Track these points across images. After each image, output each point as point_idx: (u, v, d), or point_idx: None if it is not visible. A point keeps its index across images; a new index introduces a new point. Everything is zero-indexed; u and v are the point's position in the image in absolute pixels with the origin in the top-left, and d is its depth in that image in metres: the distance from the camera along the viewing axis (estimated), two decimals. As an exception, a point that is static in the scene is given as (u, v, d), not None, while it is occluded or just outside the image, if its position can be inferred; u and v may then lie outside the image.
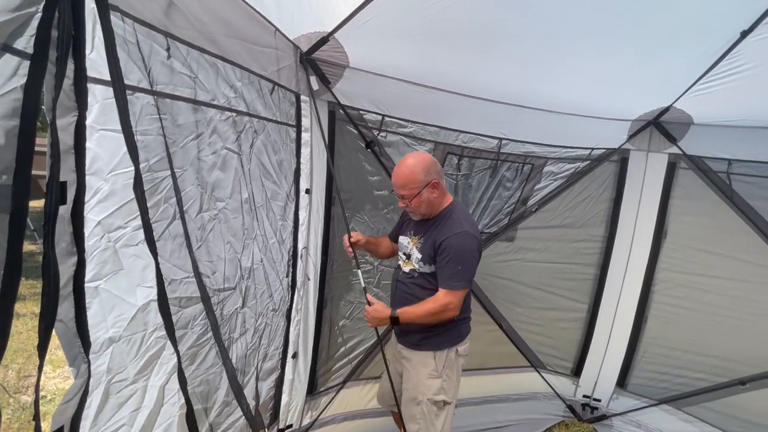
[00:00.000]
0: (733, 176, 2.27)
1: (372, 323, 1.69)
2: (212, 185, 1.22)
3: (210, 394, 1.27)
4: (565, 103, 2.23)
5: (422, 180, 1.58)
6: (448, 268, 1.58)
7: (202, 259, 1.24)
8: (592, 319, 2.73)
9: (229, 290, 1.38)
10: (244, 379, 1.64)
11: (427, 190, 1.59)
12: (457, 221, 1.63)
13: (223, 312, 1.39)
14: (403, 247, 1.79)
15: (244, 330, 1.55)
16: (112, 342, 1.00)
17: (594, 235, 2.64)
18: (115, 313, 0.99)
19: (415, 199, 1.60)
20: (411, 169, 1.59)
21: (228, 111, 1.25)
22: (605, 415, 2.76)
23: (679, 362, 2.50)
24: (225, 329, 1.42)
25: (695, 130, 2.33)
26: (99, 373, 0.99)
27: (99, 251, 0.93)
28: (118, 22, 0.84)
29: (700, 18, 1.61)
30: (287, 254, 1.81)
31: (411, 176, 1.58)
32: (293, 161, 1.78)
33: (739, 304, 2.28)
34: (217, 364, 1.31)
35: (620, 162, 2.55)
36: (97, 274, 0.94)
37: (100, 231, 0.92)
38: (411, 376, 1.78)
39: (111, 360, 1.01)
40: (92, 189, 0.89)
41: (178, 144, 1.08)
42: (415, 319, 1.64)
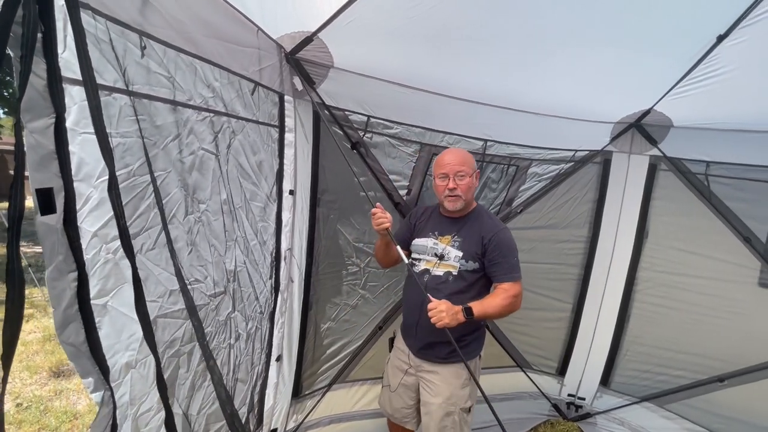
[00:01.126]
0: (711, 178, 2.32)
1: (442, 321, 1.51)
2: (193, 187, 1.19)
3: (193, 401, 1.25)
4: (549, 106, 2.25)
5: (475, 166, 1.75)
6: (507, 261, 1.65)
7: (195, 264, 1.22)
8: (577, 318, 2.76)
9: (220, 295, 1.36)
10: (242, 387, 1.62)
11: (474, 178, 1.73)
12: (496, 219, 1.78)
13: (218, 318, 1.37)
14: (429, 249, 1.73)
15: (237, 335, 1.52)
16: (130, 368, 0.95)
17: (578, 235, 2.67)
18: (126, 334, 0.94)
19: (467, 180, 1.68)
20: (467, 154, 1.74)
21: (205, 111, 1.22)
22: (589, 414, 2.80)
23: (660, 360, 2.55)
24: (222, 336, 1.39)
25: (675, 133, 2.38)
26: (123, 405, 0.93)
27: (100, 265, 0.87)
28: (90, 20, 0.81)
29: (678, 22, 1.64)
30: (269, 256, 1.79)
31: (468, 158, 1.72)
32: (275, 162, 1.76)
33: (718, 302, 2.34)
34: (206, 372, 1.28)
35: (603, 164, 2.59)
36: (102, 290, 0.88)
37: (97, 243, 0.87)
38: (441, 389, 1.73)
39: (132, 389, 0.95)
40: (82, 197, 0.84)
41: (159, 146, 1.06)
42: (490, 312, 1.58)
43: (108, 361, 0.88)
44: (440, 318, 1.52)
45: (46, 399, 2.73)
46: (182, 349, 1.14)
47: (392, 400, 1.94)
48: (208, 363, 1.25)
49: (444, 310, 1.52)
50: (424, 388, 1.80)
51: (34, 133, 0.76)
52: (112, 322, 0.89)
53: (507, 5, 1.52)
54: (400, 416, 1.94)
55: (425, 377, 1.79)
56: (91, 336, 0.84)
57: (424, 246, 1.77)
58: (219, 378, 1.30)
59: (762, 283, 2.23)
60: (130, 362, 0.95)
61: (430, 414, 1.76)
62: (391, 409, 1.96)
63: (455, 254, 1.68)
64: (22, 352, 3.28)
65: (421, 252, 1.78)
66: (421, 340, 1.76)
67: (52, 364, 3.13)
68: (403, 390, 1.89)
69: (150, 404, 1.00)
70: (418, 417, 1.94)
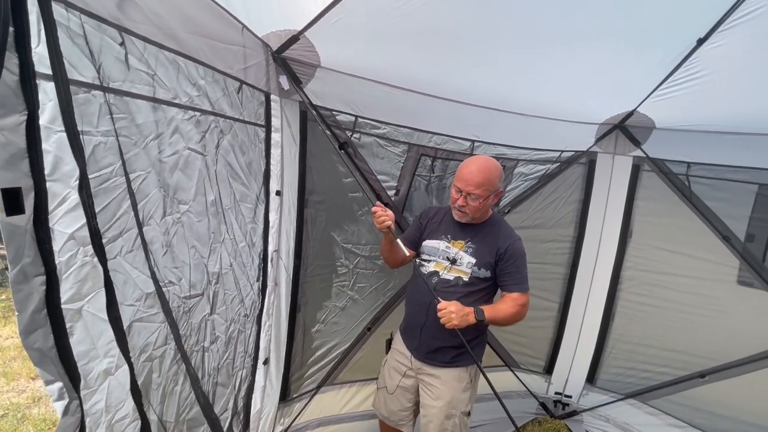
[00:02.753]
0: (692, 178, 2.38)
1: (452, 322, 1.51)
2: (174, 188, 1.16)
3: (169, 406, 1.21)
4: (536, 107, 2.27)
5: (496, 186, 1.60)
6: (520, 271, 1.64)
7: (169, 266, 1.19)
8: (563, 317, 2.80)
9: (196, 297, 1.32)
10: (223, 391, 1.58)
11: (493, 197, 1.62)
12: (511, 229, 1.71)
13: (191, 321, 1.34)
14: (441, 252, 1.71)
15: (214, 338, 1.49)
16: (108, 375, 0.91)
17: (564, 235, 2.70)
18: (104, 340, 0.90)
19: (483, 201, 1.59)
20: (491, 172, 1.58)
21: (191, 110, 1.20)
22: (576, 411, 2.83)
23: (643, 357, 2.60)
24: (195, 338, 1.36)
25: (657, 134, 2.43)
26: (96, 412, 0.89)
27: (76, 268, 0.83)
28: (62, 12, 0.78)
29: (660, 25, 1.67)
30: (258, 258, 1.76)
31: (490, 178, 1.57)
32: (262, 162, 1.73)
33: (699, 300, 2.39)
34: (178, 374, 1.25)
35: (588, 164, 2.63)
36: (76, 294, 0.84)
37: (73, 245, 0.83)
38: (442, 393, 1.72)
39: (108, 395, 0.92)
40: (58, 197, 0.80)
41: (139, 145, 1.03)
42: (500, 317, 1.61)
43: (82, 367, 0.85)
44: (449, 319, 1.52)
45: (24, 406, 2.64)
46: (154, 353, 1.10)
47: (388, 403, 1.91)
48: (180, 366, 1.22)
49: (454, 311, 1.52)
50: (425, 391, 1.78)
51: (3, 131, 0.73)
52: (87, 327, 0.86)
53: (493, 6, 1.53)
54: (396, 419, 1.91)
55: (426, 380, 1.77)
56: (61, 342, 0.81)
57: (435, 248, 1.73)
58: (195, 382, 1.27)
59: (740, 281, 2.29)
60: (109, 369, 0.91)
61: (429, 417, 1.74)
62: (386, 412, 1.92)
63: (468, 260, 1.66)
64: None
65: (431, 254, 1.75)
66: (425, 342, 1.73)
67: (30, 370, 3.03)
68: (401, 392, 1.86)
69: (126, 411, 0.97)
70: (414, 419, 1.92)
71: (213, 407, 1.46)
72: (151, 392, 1.10)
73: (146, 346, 1.08)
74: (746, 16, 1.52)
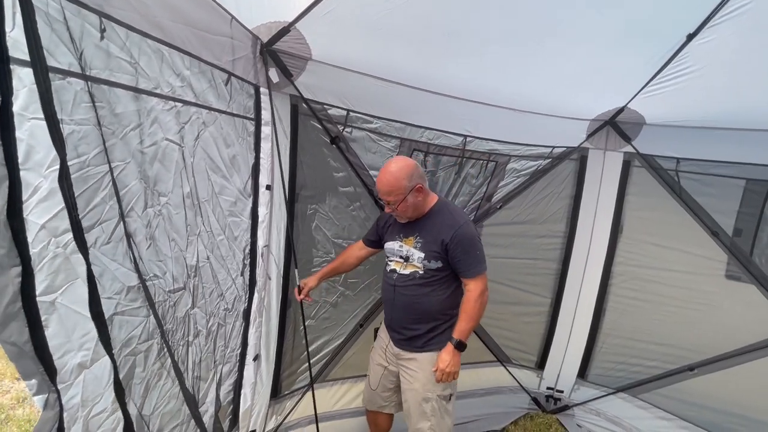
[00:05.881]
0: (682, 174, 2.40)
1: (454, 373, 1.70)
2: (154, 179, 1.14)
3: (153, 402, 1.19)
4: (527, 102, 2.27)
5: (407, 186, 1.64)
6: (468, 257, 1.67)
7: (153, 259, 1.16)
8: (555, 312, 2.81)
9: (179, 290, 1.30)
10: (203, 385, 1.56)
11: (412, 194, 1.66)
12: (455, 214, 1.73)
13: (177, 314, 1.31)
14: (397, 251, 1.81)
15: (197, 332, 1.47)
16: (83, 368, 0.89)
17: (555, 231, 2.71)
18: (78, 333, 0.88)
19: (401, 204, 1.66)
20: (395, 176, 1.63)
21: (171, 101, 1.17)
22: (567, 406, 2.85)
23: (634, 351, 2.62)
24: (180, 332, 1.34)
25: (647, 130, 2.45)
26: (73, 406, 0.88)
27: (48, 260, 0.81)
28: (40, -5, 0.76)
29: (650, 20, 1.67)
30: (240, 252, 1.73)
31: (396, 183, 1.63)
32: (251, 156, 1.71)
33: (688, 294, 2.41)
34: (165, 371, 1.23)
35: (579, 160, 2.64)
36: (50, 287, 0.82)
37: (45, 236, 0.81)
38: (418, 376, 1.79)
39: (84, 389, 0.90)
40: (30, 186, 0.78)
41: (117, 135, 1.00)
42: (472, 326, 1.71)
43: (57, 361, 0.83)
44: (449, 375, 1.69)
45: (7, 407, 2.59)
46: (139, 347, 1.08)
47: (371, 383, 2.01)
48: (165, 361, 1.19)
49: (444, 369, 1.67)
50: (403, 376, 1.85)
51: None
52: (62, 320, 0.84)
53: (484, 1, 1.52)
54: (379, 401, 1.99)
55: (404, 365, 1.85)
56: (36, 335, 0.79)
57: (392, 249, 1.84)
58: (180, 376, 1.25)
59: (729, 275, 2.31)
60: (84, 362, 0.89)
61: (408, 401, 1.83)
62: (368, 395, 2.02)
63: (418, 255, 1.73)
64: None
65: (390, 254, 1.86)
66: (398, 332, 1.86)
67: (14, 371, 2.96)
68: (383, 375, 1.95)
69: (104, 406, 0.95)
70: (398, 401, 1.97)
71: (197, 401, 1.44)
72: (134, 387, 1.08)
73: (129, 340, 1.06)
74: (736, 11, 1.53)
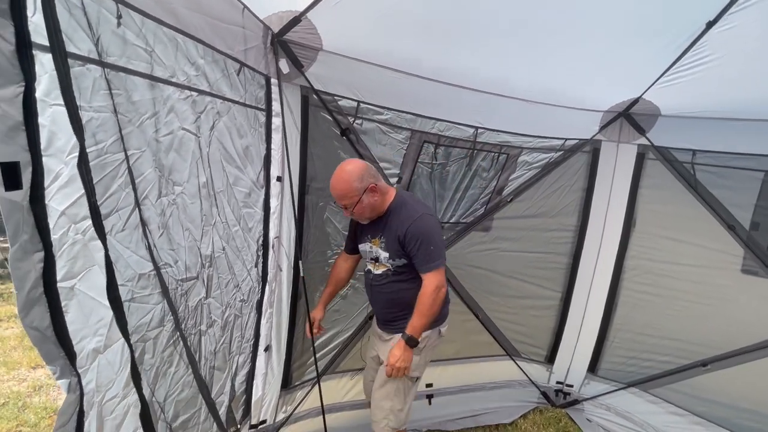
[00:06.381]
0: (697, 166, 2.35)
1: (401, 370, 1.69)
2: (169, 168, 1.14)
3: (168, 390, 1.20)
4: (540, 93, 2.24)
5: (358, 188, 1.61)
6: (422, 252, 1.63)
7: (165, 248, 1.17)
8: (565, 307, 2.79)
9: (191, 280, 1.31)
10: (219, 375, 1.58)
11: (367, 195, 1.63)
12: (411, 208, 1.68)
13: (188, 303, 1.32)
14: (368, 253, 1.82)
15: (211, 322, 1.48)
16: (98, 354, 0.90)
17: (567, 224, 2.68)
18: (94, 318, 0.89)
19: (357, 206, 1.65)
20: (345, 180, 1.61)
21: (188, 90, 1.17)
22: (577, 400, 2.84)
23: (645, 346, 2.59)
24: (192, 321, 1.35)
25: (663, 122, 2.40)
26: (89, 392, 0.89)
27: (68, 246, 0.82)
28: (58, -19, 0.75)
29: (668, 8, 1.63)
30: (254, 243, 1.74)
31: (347, 186, 1.61)
32: (262, 147, 1.71)
33: (702, 289, 2.38)
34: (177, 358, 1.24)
35: (592, 152, 2.60)
36: (69, 272, 0.83)
37: (65, 222, 0.81)
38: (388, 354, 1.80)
39: (99, 375, 0.91)
40: (51, 173, 0.78)
41: (134, 123, 1.00)
42: (425, 322, 1.67)
43: (76, 346, 0.84)
44: (399, 370, 1.68)
45: (24, 395, 2.64)
46: (148, 334, 1.09)
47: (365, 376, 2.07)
48: (176, 348, 1.20)
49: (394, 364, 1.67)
50: (382, 355, 1.88)
51: (1, 103, 0.70)
52: (80, 306, 0.85)
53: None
54: (368, 390, 2.02)
55: (384, 345, 1.87)
56: (57, 320, 0.79)
57: (364, 250, 1.85)
58: (193, 364, 1.25)
59: (745, 269, 2.27)
60: (98, 348, 0.90)
61: (378, 377, 1.84)
62: (366, 388, 2.05)
63: (384, 255, 1.74)
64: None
65: (364, 255, 1.88)
66: (380, 316, 1.93)
67: (31, 359, 3.03)
68: (371, 363, 2.00)
69: (116, 391, 0.96)
70: None
71: (211, 390, 1.45)
72: (143, 372, 1.09)
73: (139, 326, 1.07)
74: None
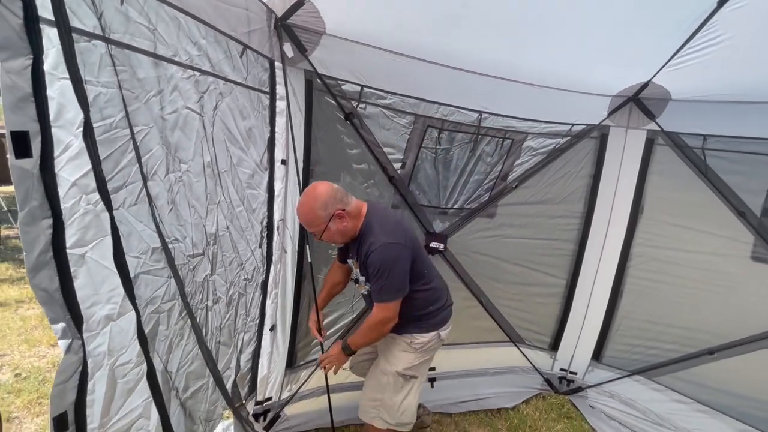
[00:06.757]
0: (708, 152, 2.30)
1: (332, 363, 1.78)
2: (175, 146, 1.18)
3: (177, 361, 1.26)
4: (546, 76, 2.21)
5: (323, 216, 1.55)
6: (375, 283, 1.59)
7: (174, 224, 1.21)
8: (570, 294, 2.78)
9: (198, 256, 1.36)
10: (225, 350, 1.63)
11: (334, 222, 1.57)
12: (375, 235, 1.58)
13: (196, 279, 1.37)
14: (353, 273, 1.81)
15: (216, 298, 1.53)
16: (110, 320, 0.95)
17: (573, 211, 2.66)
18: (106, 287, 0.94)
19: (325, 234, 1.60)
20: (309, 208, 1.55)
21: (190, 69, 1.20)
22: (581, 387, 2.84)
23: (651, 334, 2.57)
24: (199, 296, 1.40)
25: (673, 106, 2.35)
26: (99, 354, 0.94)
27: (79, 215, 0.86)
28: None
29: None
30: (258, 224, 1.78)
31: (311, 215, 1.56)
32: (266, 129, 1.74)
33: (710, 276, 2.34)
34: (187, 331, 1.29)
35: (600, 138, 2.57)
36: (80, 240, 0.87)
37: (76, 192, 0.85)
38: (383, 350, 1.85)
39: (111, 340, 0.95)
40: (62, 144, 0.82)
41: (141, 100, 1.04)
42: (364, 341, 1.71)
43: (85, 311, 0.88)
44: (330, 365, 1.77)
45: (44, 370, 2.77)
46: (162, 306, 1.14)
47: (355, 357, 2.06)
48: (186, 322, 1.25)
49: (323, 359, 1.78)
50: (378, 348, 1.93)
51: (10, 74, 0.74)
52: (91, 273, 0.89)
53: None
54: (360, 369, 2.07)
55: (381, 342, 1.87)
56: (66, 284, 0.84)
57: (350, 267, 1.84)
58: (200, 337, 1.31)
59: (755, 256, 2.23)
60: (111, 315, 0.95)
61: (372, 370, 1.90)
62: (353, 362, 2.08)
63: (362, 278, 1.72)
64: (21, 326, 3.30)
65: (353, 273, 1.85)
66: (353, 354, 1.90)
67: (51, 337, 3.16)
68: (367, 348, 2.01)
69: (129, 357, 1.01)
70: None
71: (217, 364, 1.50)
72: (158, 342, 1.14)
73: (153, 298, 1.12)
74: (771, -28, 1.44)
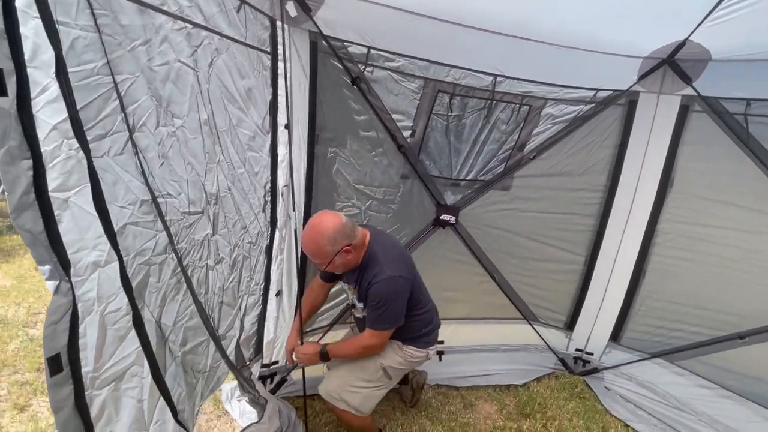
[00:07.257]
0: (751, 118, 2.08)
1: (302, 361, 1.80)
2: (167, 99, 1.17)
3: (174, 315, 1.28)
4: (568, 35, 2.04)
5: (330, 251, 1.55)
6: (374, 312, 1.63)
7: (167, 178, 1.21)
8: (589, 271, 2.65)
9: (196, 214, 1.36)
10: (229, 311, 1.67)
11: (340, 256, 1.57)
12: (379, 266, 1.61)
13: (194, 237, 1.38)
14: (349, 298, 1.86)
15: (219, 258, 1.55)
16: (97, 266, 0.96)
17: (595, 184, 2.51)
18: (92, 234, 0.94)
19: (329, 266, 1.60)
20: (317, 245, 1.54)
21: (181, 20, 1.17)
22: (597, 369, 2.74)
23: (675, 316, 2.42)
24: (198, 255, 1.42)
25: (713, 68, 2.13)
26: (89, 300, 0.95)
27: (61, 160, 0.86)
28: None
29: None
30: (261, 188, 1.78)
31: (318, 251, 1.56)
32: (267, 91, 1.71)
33: (744, 255, 2.16)
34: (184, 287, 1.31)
35: (628, 105, 2.38)
36: (63, 185, 0.87)
37: (57, 136, 0.85)
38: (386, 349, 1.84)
39: (99, 287, 0.97)
40: (39, 85, 0.81)
41: (124, 47, 1.03)
42: (343, 355, 1.76)
43: (71, 255, 0.89)
44: (300, 360, 1.80)
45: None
46: (153, 259, 1.15)
47: None
48: (181, 278, 1.27)
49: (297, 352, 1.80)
50: None
51: None
52: (75, 218, 0.90)
53: None
54: None
55: None
56: (50, 227, 0.85)
57: (344, 290, 1.88)
58: (195, 295, 1.32)
59: (798, 234, 2.03)
60: (98, 261, 0.96)
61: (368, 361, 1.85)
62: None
63: (359, 304, 1.76)
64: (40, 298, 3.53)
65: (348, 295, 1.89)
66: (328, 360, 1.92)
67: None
68: None
69: (119, 305, 1.02)
70: None
71: (218, 323, 1.53)
72: (149, 294, 1.16)
73: (144, 250, 1.13)
74: None
